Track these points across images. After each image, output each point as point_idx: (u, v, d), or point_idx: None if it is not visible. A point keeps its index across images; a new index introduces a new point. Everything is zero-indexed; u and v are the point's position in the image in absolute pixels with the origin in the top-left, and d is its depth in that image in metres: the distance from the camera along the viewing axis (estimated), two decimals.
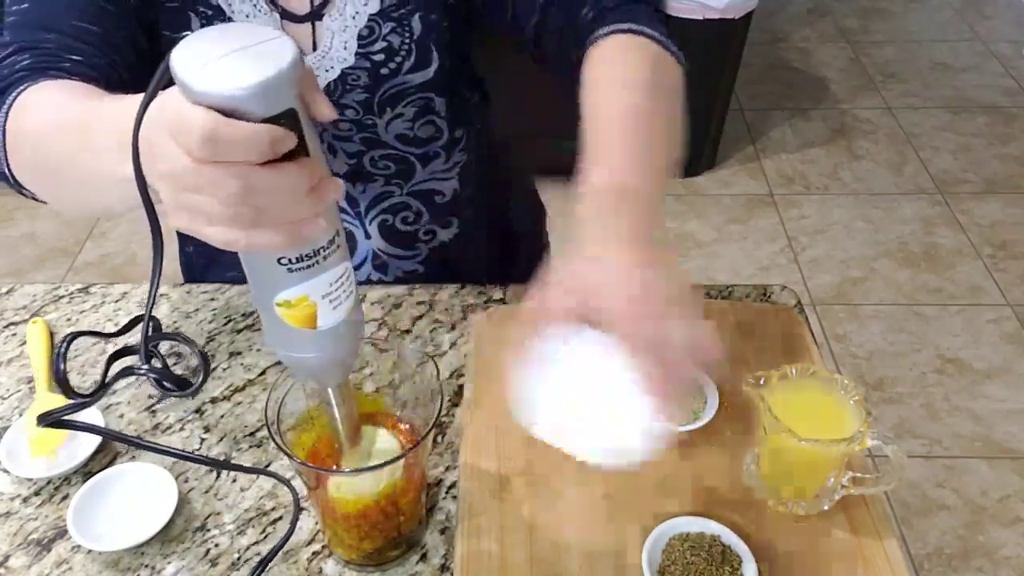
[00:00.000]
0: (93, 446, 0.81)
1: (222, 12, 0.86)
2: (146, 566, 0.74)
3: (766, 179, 2.74)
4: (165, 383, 0.57)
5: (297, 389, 0.69)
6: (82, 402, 0.62)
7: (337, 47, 0.88)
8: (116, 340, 0.91)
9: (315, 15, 0.88)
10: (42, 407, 0.84)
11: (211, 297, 0.99)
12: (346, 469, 0.68)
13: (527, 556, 0.73)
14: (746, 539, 0.71)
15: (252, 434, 0.85)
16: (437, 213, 1.03)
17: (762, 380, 0.75)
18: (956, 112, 3.03)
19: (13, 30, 0.80)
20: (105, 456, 0.83)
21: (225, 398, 0.88)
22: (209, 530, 0.77)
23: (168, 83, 0.46)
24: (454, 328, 0.96)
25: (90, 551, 0.75)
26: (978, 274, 2.38)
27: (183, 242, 1.14)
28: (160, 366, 0.78)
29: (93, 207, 0.73)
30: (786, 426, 0.71)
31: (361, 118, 0.93)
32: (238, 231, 0.47)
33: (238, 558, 0.74)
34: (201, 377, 0.58)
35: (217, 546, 0.75)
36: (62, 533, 0.76)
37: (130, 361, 0.77)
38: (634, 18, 0.80)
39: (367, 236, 1.02)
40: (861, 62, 3.32)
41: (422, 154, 0.98)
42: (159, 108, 0.47)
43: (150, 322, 0.59)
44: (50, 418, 0.61)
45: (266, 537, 0.76)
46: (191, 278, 1.13)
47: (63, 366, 0.58)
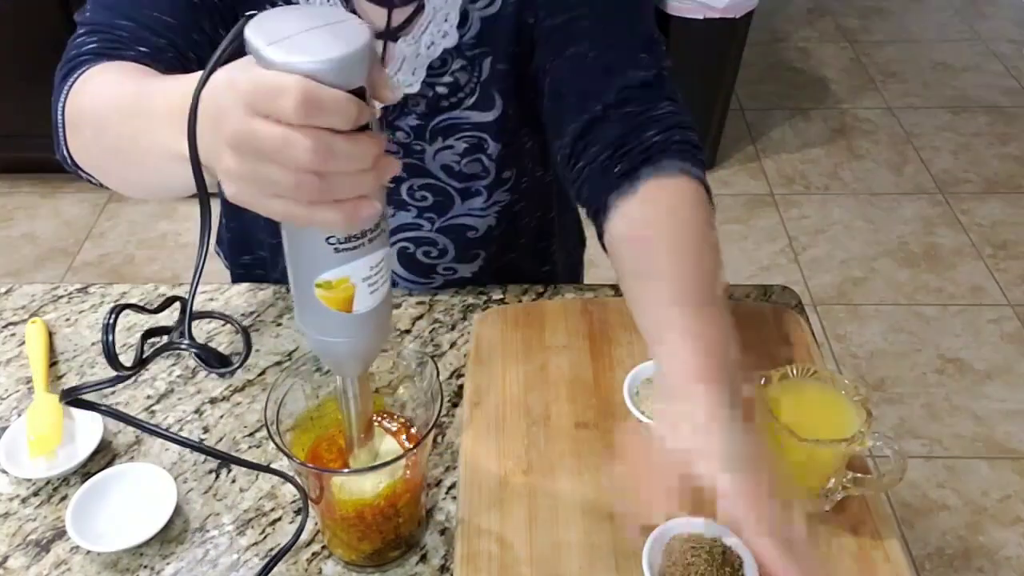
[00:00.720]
0: (92, 447, 0.81)
1: None
2: (145, 567, 0.74)
3: (766, 179, 2.74)
4: (205, 359, 0.58)
5: (297, 389, 0.69)
6: (116, 377, 0.62)
7: (405, 71, 0.87)
8: (150, 319, 0.90)
9: (390, 35, 0.85)
10: (41, 407, 0.84)
11: (210, 298, 0.99)
12: (344, 470, 0.68)
13: (527, 556, 0.73)
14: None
15: (252, 434, 0.84)
16: (464, 248, 1.00)
17: (762, 380, 0.75)
18: (956, 112, 3.03)
19: (95, 9, 0.80)
20: (104, 457, 0.82)
21: (224, 398, 0.88)
22: (208, 531, 0.76)
23: (231, 58, 0.48)
24: (454, 328, 0.96)
25: (89, 552, 0.75)
26: (979, 274, 2.38)
27: (225, 218, 1.13)
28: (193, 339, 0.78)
29: (153, 186, 0.73)
30: (787, 426, 0.71)
31: (410, 143, 0.91)
32: (301, 205, 0.48)
33: (237, 559, 0.74)
34: (244, 354, 0.58)
35: (216, 547, 0.75)
36: (61, 534, 0.76)
37: (167, 338, 0.76)
38: (691, 159, 0.77)
39: None
40: (861, 62, 3.32)
41: (463, 189, 0.95)
42: (231, 76, 0.48)
43: (192, 299, 0.59)
44: (76, 393, 0.61)
45: (265, 538, 0.76)
46: (229, 251, 1.13)
47: (111, 338, 0.58)
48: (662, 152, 0.77)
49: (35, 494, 0.80)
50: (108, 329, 0.58)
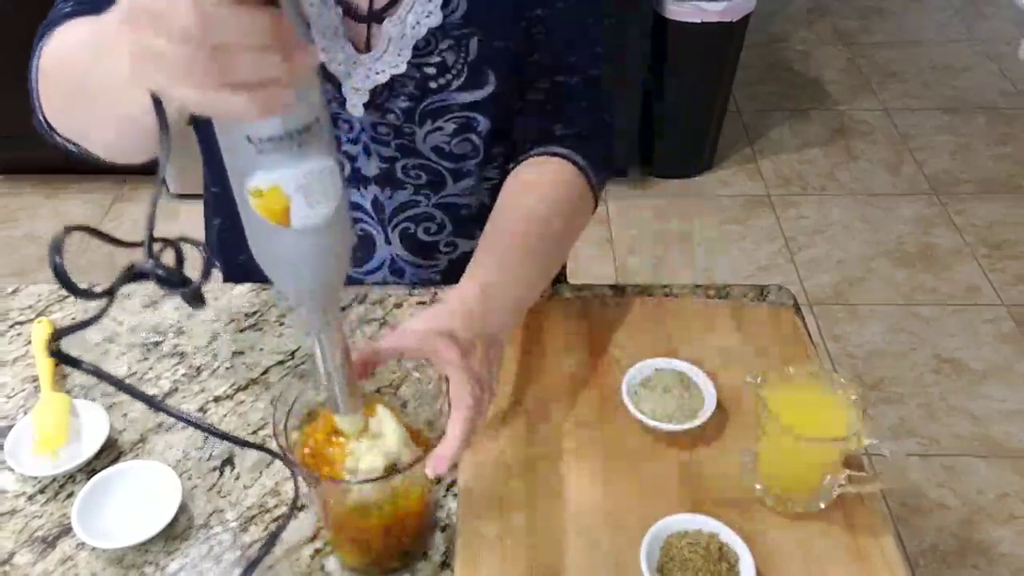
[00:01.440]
0: (97, 445, 0.82)
1: None
2: (150, 563, 0.75)
3: (764, 180, 2.75)
4: (169, 279, 0.56)
5: (302, 391, 0.69)
6: (93, 317, 0.59)
7: (391, 52, 0.88)
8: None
9: (376, 17, 0.88)
10: (46, 406, 0.85)
11: (214, 296, 1.00)
12: (351, 480, 0.67)
13: (527, 556, 0.74)
14: (743, 537, 0.72)
15: (255, 432, 0.85)
16: (461, 224, 1.03)
17: (760, 379, 0.76)
18: (954, 113, 3.04)
19: None
20: (109, 454, 0.83)
21: (228, 396, 0.89)
22: (212, 527, 0.77)
23: None
24: None
25: (94, 548, 0.75)
26: (975, 274, 2.39)
27: (210, 216, 1.14)
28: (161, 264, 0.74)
29: (124, 124, 0.70)
30: (784, 425, 0.72)
31: (401, 125, 0.93)
32: (204, 89, 0.45)
33: (241, 555, 0.75)
34: (202, 272, 0.56)
35: (221, 543, 0.76)
36: (67, 531, 0.77)
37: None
38: (584, 152, 0.93)
39: (387, 242, 1.02)
40: (859, 63, 3.33)
41: (455, 169, 0.98)
42: None
43: (154, 207, 0.56)
44: (60, 337, 0.59)
45: (269, 534, 0.77)
46: (223, 252, 1.13)
47: (60, 259, 0.55)
48: (559, 141, 0.93)
49: (41, 491, 0.81)
50: (56, 249, 0.55)
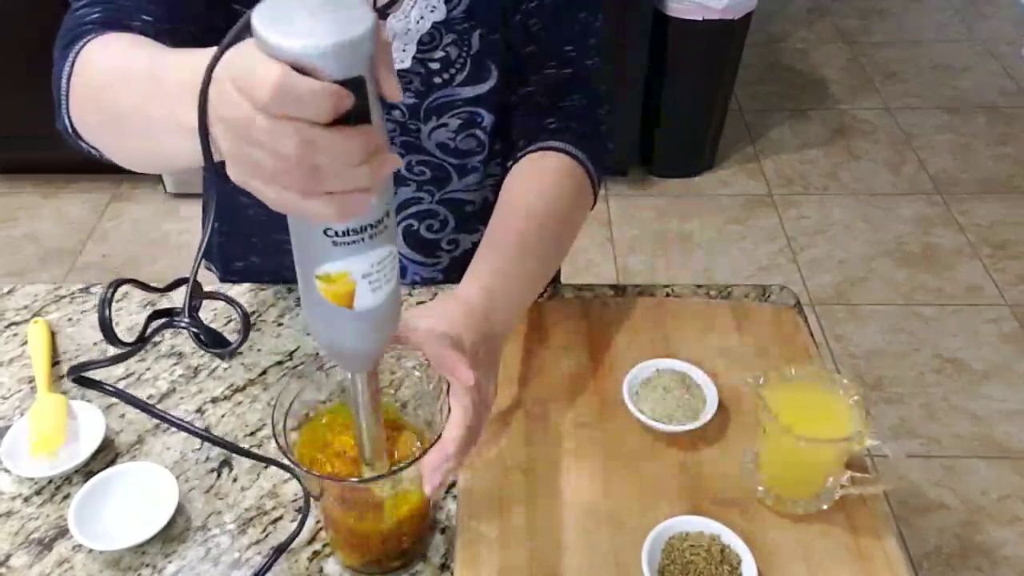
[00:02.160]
0: (94, 446, 0.82)
1: None
2: (147, 565, 0.74)
3: (765, 179, 2.74)
4: (204, 339, 0.57)
5: (301, 391, 0.69)
6: (120, 354, 0.61)
7: (396, 48, 0.88)
8: (160, 301, 0.89)
9: (380, 12, 0.87)
10: (43, 407, 0.85)
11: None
12: (350, 479, 0.68)
13: (527, 556, 0.73)
14: (745, 538, 0.72)
15: (253, 433, 0.85)
16: (465, 220, 1.03)
17: (761, 380, 0.75)
18: (955, 112, 3.03)
19: None
20: (106, 456, 0.83)
21: (226, 398, 0.88)
22: (210, 529, 0.77)
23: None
24: None
25: (91, 550, 0.75)
26: (977, 274, 2.38)
27: (218, 222, 1.14)
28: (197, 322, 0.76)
29: (156, 159, 0.73)
30: (785, 425, 0.71)
31: (406, 121, 0.93)
32: (291, 193, 0.47)
33: (239, 557, 0.75)
34: (242, 337, 0.57)
35: (218, 545, 0.76)
36: (63, 532, 0.76)
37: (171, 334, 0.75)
38: (582, 145, 0.92)
39: None
40: (860, 63, 3.32)
41: (460, 165, 0.98)
42: (231, 58, 0.47)
43: (194, 281, 0.58)
44: (81, 371, 0.61)
45: (267, 536, 0.76)
46: (221, 258, 1.13)
47: (108, 312, 0.57)
48: (554, 135, 0.92)
49: (37, 493, 0.80)
50: (105, 303, 0.57)
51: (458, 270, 1.05)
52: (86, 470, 0.81)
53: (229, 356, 0.67)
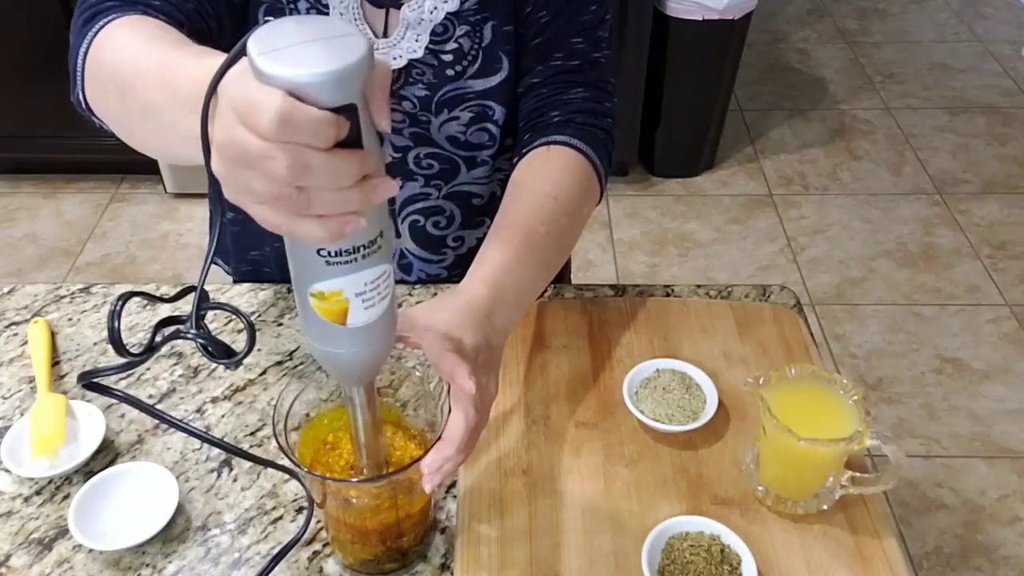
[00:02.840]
0: (94, 446, 0.82)
1: None
2: (147, 565, 0.74)
3: (765, 179, 2.74)
4: (211, 350, 0.57)
5: (301, 391, 0.69)
6: (128, 362, 0.61)
7: (409, 38, 0.89)
8: (164, 307, 0.89)
9: (394, 2, 0.88)
10: (43, 407, 0.85)
11: (212, 296, 1.00)
12: (349, 479, 0.68)
13: (527, 556, 0.73)
14: (745, 538, 0.72)
15: (253, 433, 0.85)
16: (471, 215, 1.03)
17: (761, 380, 0.75)
18: (955, 112, 3.03)
19: None
20: (106, 456, 0.83)
21: (226, 398, 0.88)
22: (210, 529, 0.77)
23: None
24: None
25: (91, 550, 0.75)
26: (976, 274, 2.38)
27: (233, 212, 1.14)
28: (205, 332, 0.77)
29: (170, 155, 0.73)
30: (785, 426, 0.71)
31: (416, 113, 0.93)
32: (283, 215, 0.48)
33: (239, 557, 0.75)
34: (247, 348, 0.58)
35: (218, 545, 0.76)
36: (63, 532, 0.76)
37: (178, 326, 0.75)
38: (587, 139, 0.91)
39: (397, 235, 1.02)
40: (860, 63, 3.32)
41: (469, 158, 0.98)
42: (229, 85, 0.48)
43: (201, 291, 0.59)
44: (91, 377, 0.61)
45: (267, 536, 0.76)
46: (235, 248, 1.13)
47: (117, 324, 0.58)
48: (559, 129, 0.92)
49: (38, 493, 0.80)
50: (114, 315, 0.58)
51: (463, 267, 1.05)
52: (86, 470, 0.81)
53: (235, 366, 0.68)
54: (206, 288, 0.61)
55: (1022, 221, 2.56)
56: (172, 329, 0.61)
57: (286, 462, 0.64)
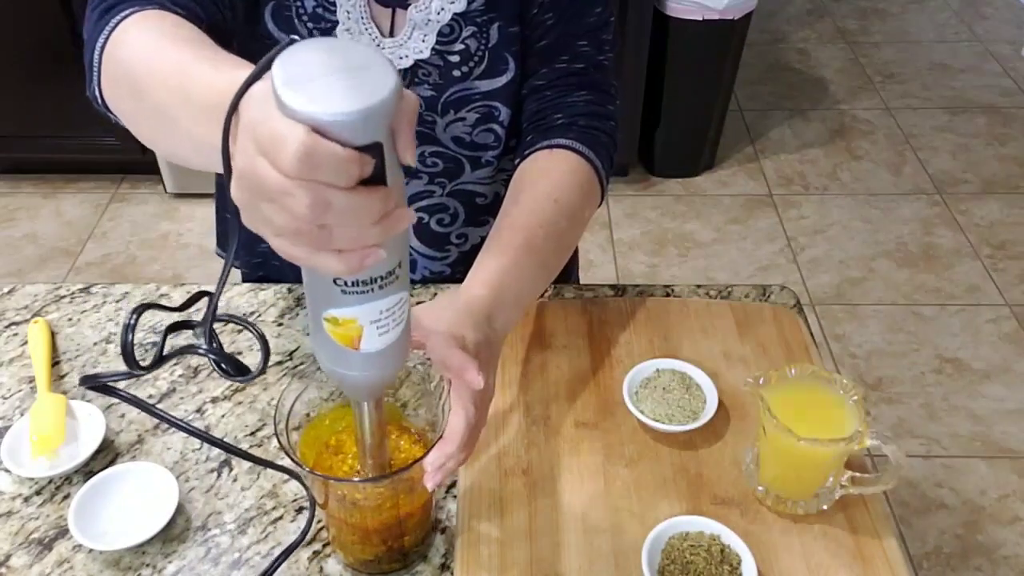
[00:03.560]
0: (94, 446, 0.82)
1: None
2: (147, 565, 0.74)
3: (765, 179, 2.74)
4: (224, 366, 0.57)
5: (303, 391, 0.69)
6: (131, 373, 0.61)
7: (416, 38, 0.89)
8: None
9: (400, 2, 0.88)
10: (43, 407, 0.85)
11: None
12: (351, 479, 0.68)
13: (527, 556, 0.73)
14: (745, 538, 0.72)
15: (253, 433, 0.85)
16: (475, 213, 1.03)
17: (761, 380, 0.75)
18: (955, 112, 3.03)
19: None
20: (106, 456, 0.83)
21: (226, 398, 0.88)
22: (210, 529, 0.77)
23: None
24: None
25: (91, 550, 0.75)
26: (977, 274, 2.38)
27: (222, 207, 1.14)
28: (218, 347, 0.76)
29: (185, 160, 0.72)
30: (785, 426, 0.71)
31: (422, 113, 0.93)
32: (301, 248, 0.47)
33: (239, 557, 0.75)
34: (261, 364, 0.58)
35: (218, 545, 0.76)
36: (63, 532, 0.76)
37: (190, 339, 0.75)
38: (589, 142, 0.91)
39: None
40: (860, 63, 3.32)
41: (474, 158, 0.98)
42: (252, 115, 0.46)
43: (217, 301, 0.59)
44: (95, 381, 0.61)
45: (267, 536, 0.76)
46: (247, 241, 1.13)
47: (131, 338, 0.58)
48: (562, 132, 0.92)
49: (38, 493, 0.80)
50: (129, 329, 0.57)
51: (466, 264, 1.05)
52: (86, 470, 0.81)
53: (249, 382, 0.68)
54: (210, 290, 0.60)
55: (1022, 221, 2.56)
56: (184, 344, 0.60)
57: (287, 462, 0.64)
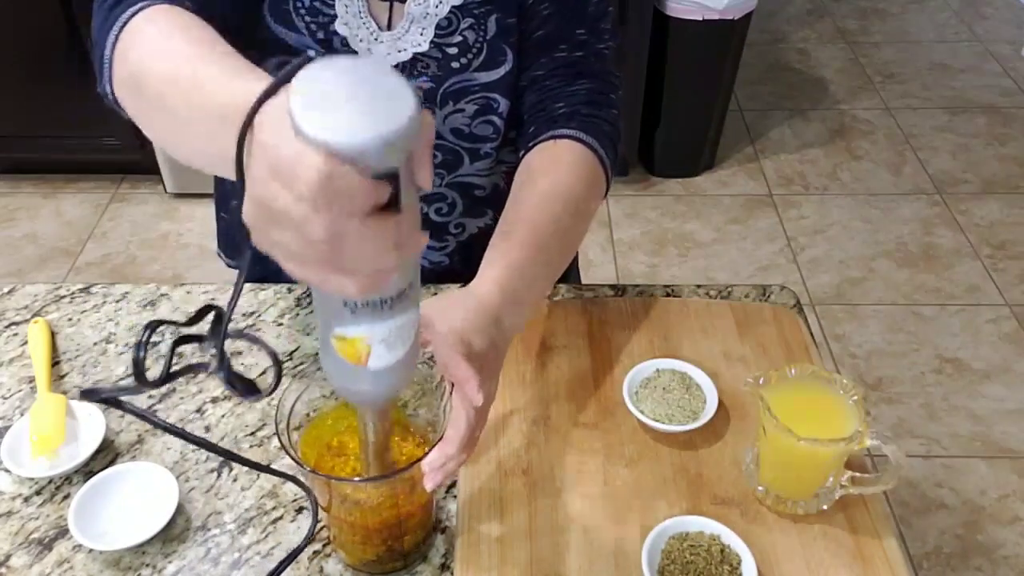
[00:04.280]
0: (94, 446, 0.82)
1: None
2: (147, 565, 0.74)
3: (765, 179, 2.74)
4: (237, 387, 0.57)
5: (304, 391, 0.69)
6: (139, 388, 0.61)
7: (414, 31, 0.89)
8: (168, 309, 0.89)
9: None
10: (43, 407, 0.85)
11: (212, 297, 1.00)
12: (352, 479, 0.68)
13: (527, 556, 0.73)
14: (745, 538, 0.72)
15: (253, 433, 0.85)
16: (473, 204, 1.03)
17: (761, 380, 0.75)
18: (955, 112, 3.03)
19: None
20: (106, 456, 0.83)
21: (226, 398, 0.88)
22: (210, 529, 0.77)
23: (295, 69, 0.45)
24: None
25: (91, 550, 0.75)
26: (976, 274, 2.38)
27: (220, 208, 1.14)
28: (228, 366, 0.76)
29: (196, 163, 0.71)
30: (785, 426, 0.71)
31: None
32: (313, 271, 0.46)
33: (239, 557, 0.75)
34: (273, 384, 0.57)
35: (218, 545, 0.76)
36: (63, 532, 0.76)
37: (197, 351, 0.75)
38: (593, 132, 0.90)
39: None
40: (860, 63, 3.32)
41: (473, 150, 0.98)
42: (264, 128, 0.46)
43: (228, 321, 0.58)
44: (98, 396, 0.60)
45: (267, 536, 0.76)
46: (228, 246, 1.13)
47: (143, 355, 0.58)
48: (564, 121, 0.91)
49: (38, 493, 0.80)
50: (141, 346, 0.57)
51: (464, 254, 1.05)
52: (86, 470, 0.81)
53: (258, 400, 0.68)
54: (217, 299, 0.60)
55: (1022, 221, 2.56)
56: (195, 361, 0.60)
57: (288, 462, 0.64)
